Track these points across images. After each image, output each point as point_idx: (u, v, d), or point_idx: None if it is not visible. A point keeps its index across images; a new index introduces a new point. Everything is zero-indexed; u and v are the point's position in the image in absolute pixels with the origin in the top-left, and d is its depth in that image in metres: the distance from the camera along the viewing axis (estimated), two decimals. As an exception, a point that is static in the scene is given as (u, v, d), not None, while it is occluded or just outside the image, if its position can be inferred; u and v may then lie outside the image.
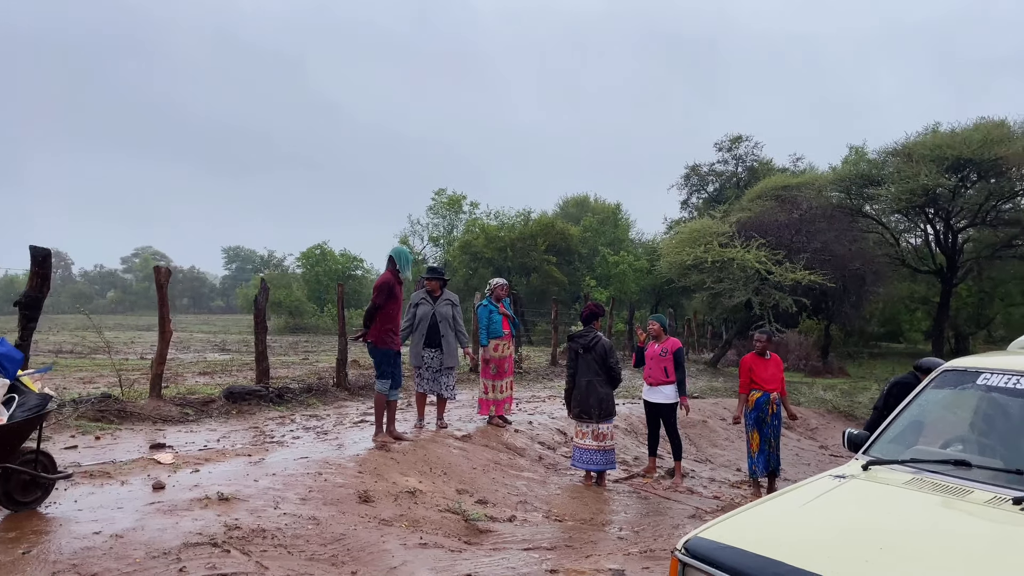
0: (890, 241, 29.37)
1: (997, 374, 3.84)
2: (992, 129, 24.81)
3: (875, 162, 27.91)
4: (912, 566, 2.79)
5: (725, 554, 3.08)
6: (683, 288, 27.85)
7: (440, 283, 8.36)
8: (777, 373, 8.22)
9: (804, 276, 20.43)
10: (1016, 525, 3.02)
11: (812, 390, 17.38)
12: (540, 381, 15.08)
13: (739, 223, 22.95)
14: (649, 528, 6.17)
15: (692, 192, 40.90)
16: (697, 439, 10.62)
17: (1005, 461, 3.59)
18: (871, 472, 3.69)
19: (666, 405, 8.08)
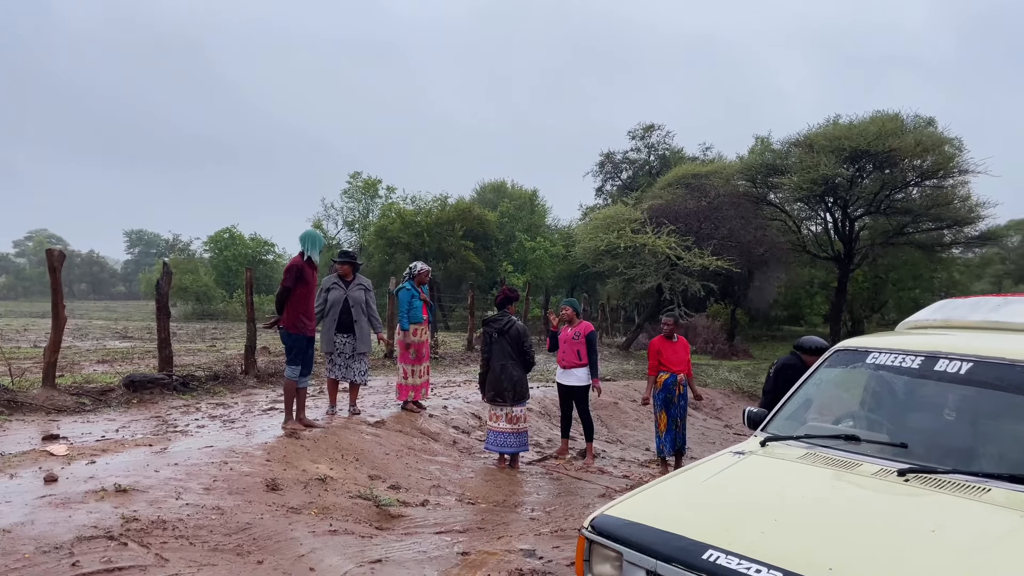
0: (792, 228, 30.60)
1: (884, 353, 4.05)
2: (886, 122, 26.12)
3: (779, 152, 28.99)
4: (803, 535, 2.93)
5: (629, 530, 3.15)
6: (597, 273, 28.30)
7: (352, 267, 8.22)
8: (684, 355, 8.46)
9: (712, 262, 21.07)
10: (900, 495, 3.21)
11: (718, 371, 18.00)
12: (456, 366, 15.07)
13: (651, 210, 23.46)
14: (560, 508, 6.27)
15: (606, 179, 41.54)
16: (608, 420, 10.84)
17: (891, 435, 3.80)
18: (768, 448, 3.85)
19: (579, 387, 8.21)
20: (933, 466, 3.31)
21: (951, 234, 29.54)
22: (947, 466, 3.31)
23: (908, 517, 3.03)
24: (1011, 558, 2.61)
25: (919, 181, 27.47)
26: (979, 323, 4.53)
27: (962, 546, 2.73)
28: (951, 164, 26.37)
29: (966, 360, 3.71)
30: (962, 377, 3.69)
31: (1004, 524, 2.86)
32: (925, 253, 30.43)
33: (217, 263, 44.59)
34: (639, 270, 21.81)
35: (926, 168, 26.58)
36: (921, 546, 2.77)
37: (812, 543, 2.85)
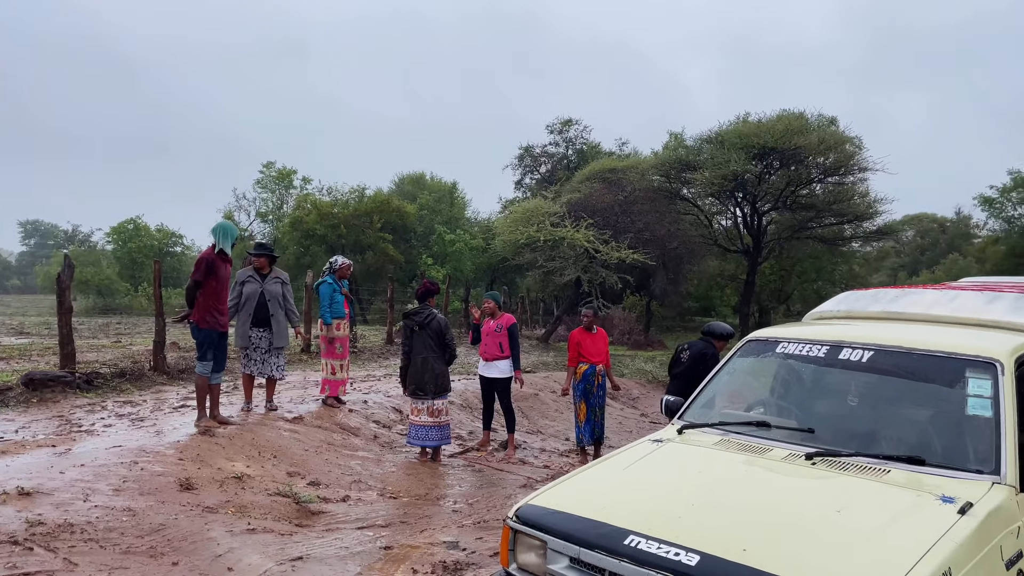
0: (704, 223, 31.50)
1: (793, 343, 4.24)
2: (792, 121, 27.16)
3: (692, 148, 29.76)
4: (719, 518, 3.05)
5: (553, 519, 3.21)
6: (517, 266, 28.45)
7: (269, 260, 8.03)
8: (603, 347, 8.62)
9: (628, 255, 21.50)
10: (807, 478, 3.37)
11: (634, 362, 18.42)
12: (375, 360, 14.92)
13: (569, 203, 23.72)
14: (483, 500, 6.31)
15: (525, 172, 41.74)
16: (529, 411, 10.95)
17: (799, 421, 3.98)
18: (685, 435, 3.98)
19: (501, 379, 8.27)
20: (838, 449, 3.49)
21: (851, 228, 31.02)
22: (850, 449, 3.49)
23: (815, 498, 3.19)
24: (908, 534, 2.78)
25: (822, 178, 28.71)
26: (879, 313, 4.79)
27: (864, 524, 2.90)
28: (852, 162, 27.66)
29: (867, 349, 3.92)
30: (864, 365, 3.89)
31: (902, 503, 3.04)
32: (827, 247, 31.84)
33: (121, 255, 42.62)
34: (558, 263, 22.05)
35: (829, 165, 27.79)
36: (827, 525, 2.92)
37: (727, 525, 2.97)
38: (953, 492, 3.04)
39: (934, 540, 2.71)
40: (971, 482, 3.14)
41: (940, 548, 2.68)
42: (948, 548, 2.69)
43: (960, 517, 2.88)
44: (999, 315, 4.27)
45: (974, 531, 2.83)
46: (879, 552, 2.68)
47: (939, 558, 2.63)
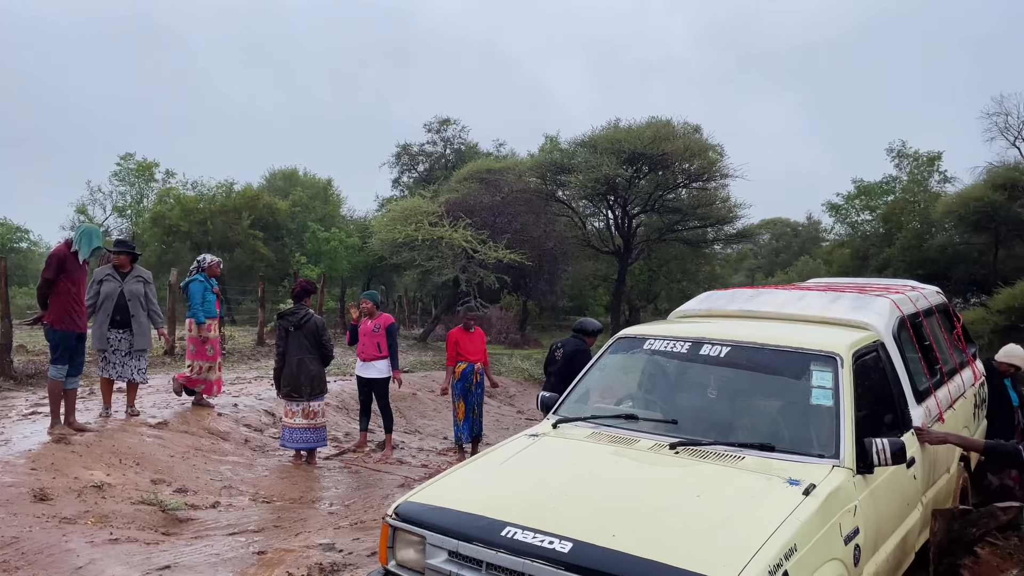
0: (578, 224, 32.34)
1: (659, 340, 4.49)
2: (660, 127, 28.38)
3: (566, 151, 30.52)
4: (590, 506, 3.20)
5: (432, 514, 3.27)
6: (395, 265, 28.17)
7: (129, 258, 7.63)
8: (481, 345, 8.73)
9: (506, 255, 21.77)
10: (671, 466, 3.59)
11: (512, 360, 18.69)
12: (246, 362, 14.41)
13: (448, 203, 23.74)
14: (360, 501, 6.27)
15: (403, 171, 41.41)
16: (407, 411, 10.92)
17: (664, 413, 4.23)
18: (559, 430, 4.13)
19: (379, 380, 8.21)
20: (698, 439, 3.73)
21: (713, 232, 32.76)
22: (710, 438, 3.74)
23: (678, 485, 3.41)
24: (760, 515, 3.03)
25: (687, 183, 30.17)
26: (736, 312, 5.14)
27: (721, 507, 3.13)
28: (714, 168, 29.22)
29: (725, 345, 4.21)
30: (722, 360, 4.18)
31: (754, 487, 3.30)
32: (692, 249, 33.46)
33: (-44, 251, 38.97)
34: (436, 262, 22.03)
35: (693, 171, 29.24)
36: (689, 509, 3.13)
37: (598, 513, 3.13)
38: (799, 475, 3.32)
39: (781, 519, 2.97)
40: (814, 466, 3.44)
41: (787, 526, 2.94)
42: (794, 526, 2.95)
43: (805, 498, 3.16)
44: (840, 313, 4.69)
45: (816, 510, 3.11)
46: (734, 532, 2.91)
47: (786, 535, 2.88)
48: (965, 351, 6.16)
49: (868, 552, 3.48)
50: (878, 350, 4.27)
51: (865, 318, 4.53)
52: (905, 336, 4.72)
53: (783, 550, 2.80)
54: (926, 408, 4.49)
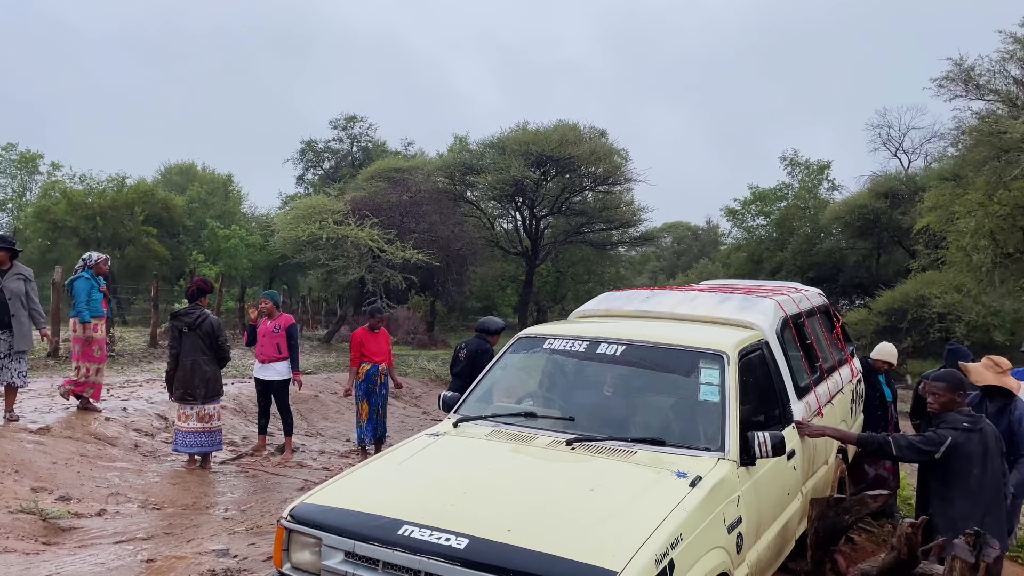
0: (487, 225, 32.49)
1: (558, 339, 4.59)
2: (567, 131, 28.85)
3: (475, 152, 30.61)
4: (488, 503, 3.25)
5: (328, 515, 3.24)
6: (298, 265, 27.57)
7: (9, 254, 7.20)
8: (386, 346, 8.67)
9: (413, 255, 21.64)
10: (567, 462, 3.68)
11: (418, 361, 18.59)
12: (137, 364, 13.80)
13: (353, 201, 23.40)
14: (257, 505, 6.12)
15: (308, 168, 40.52)
16: (308, 414, 10.71)
17: (562, 411, 4.32)
18: (460, 428, 4.17)
19: (278, 382, 8.02)
20: (593, 435, 3.83)
21: (618, 234, 33.56)
22: (605, 434, 3.85)
23: (573, 480, 3.50)
24: (649, 506, 3.15)
25: (593, 186, 30.79)
26: (633, 312, 5.30)
27: (613, 500, 3.23)
28: (619, 172, 29.93)
29: (621, 344, 4.34)
30: (618, 358, 4.31)
31: (645, 479, 3.43)
32: (597, 251, 34.17)
33: None
34: (342, 262, 21.67)
35: (599, 175, 29.86)
36: (582, 503, 3.23)
37: (495, 509, 3.18)
38: (687, 468, 3.47)
39: (669, 510, 3.10)
40: (701, 459, 3.60)
41: (673, 517, 3.07)
42: (680, 517, 3.08)
43: (691, 489, 3.30)
44: (728, 313, 4.91)
45: (702, 501, 3.26)
46: (624, 523, 3.01)
47: (673, 525, 3.01)
48: (844, 349, 6.55)
49: (750, 540, 3.66)
50: (762, 348, 4.50)
51: (751, 318, 4.75)
52: (788, 335, 4.98)
53: (670, 539, 2.93)
54: (807, 403, 4.75)
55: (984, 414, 4.66)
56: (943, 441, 4.08)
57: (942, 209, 21.86)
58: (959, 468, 4.09)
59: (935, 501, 4.18)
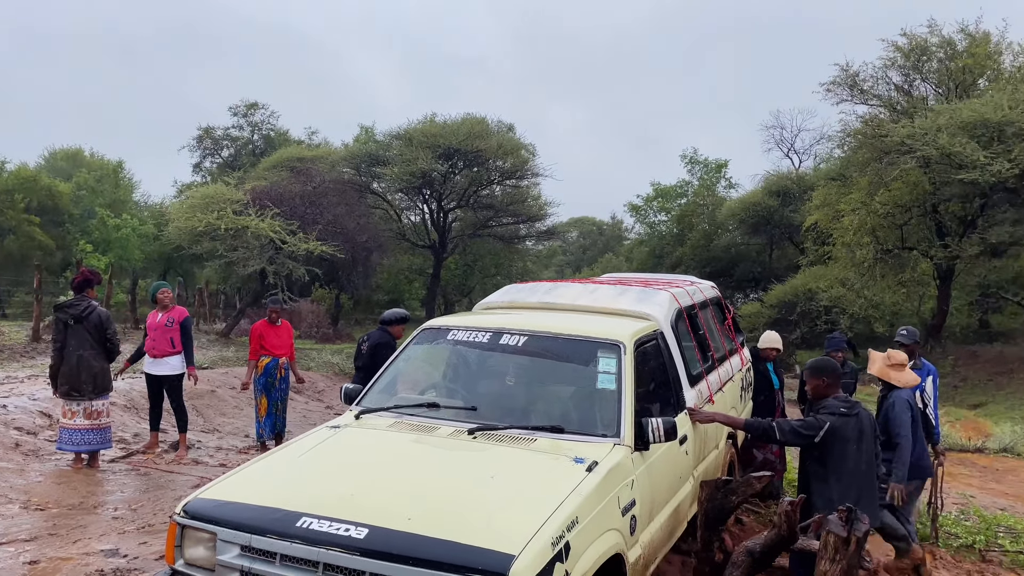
0: (394, 217, 32.17)
1: (462, 331, 4.63)
2: (475, 124, 28.87)
3: (382, 143, 30.26)
4: (389, 493, 3.26)
5: (223, 510, 3.18)
6: (195, 256, 26.53)
7: None
8: (287, 339, 8.48)
9: (317, 247, 21.19)
10: (469, 451, 3.73)
11: (322, 355, 18.26)
12: (18, 360, 13.01)
13: (254, 191, 22.71)
14: (149, 504, 5.90)
15: (205, 155, 39.05)
16: (204, 409, 10.37)
17: (465, 401, 4.36)
18: (362, 420, 4.15)
19: (172, 376, 7.72)
20: (495, 424, 3.89)
21: (525, 228, 33.90)
22: (506, 423, 3.92)
23: (474, 468, 3.56)
24: (547, 491, 3.23)
25: (501, 180, 30.96)
26: (536, 304, 5.40)
27: (513, 486, 3.31)
28: (526, 167, 30.21)
29: (523, 334, 4.42)
30: (520, 349, 4.39)
31: (544, 466, 3.52)
32: (505, 244, 34.40)
33: None
34: (241, 253, 21.00)
35: (507, 169, 30.06)
36: (483, 490, 3.28)
37: (395, 499, 3.19)
38: (584, 454, 3.58)
39: (565, 495, 3.19)
40: (598, 444, 3.72)
41: (570, 501, 3.16)
42: (576, 501, 3.18)
43: (588, 474, 3.41)
44: (626, 305, 5.07)
45: (598, 485, 3.37)
46: (522, 509, 3.09)
47: (569, 509, 3.10)
48: (734, 339, 6.86)
49: (644, 522, 3.81)
50: (658, 339, 4.67)
51: (647, 309, 4.93)
52: (682, 326, 5.19)
53: (566, 523, 3.02)
54: (699, 391, 4.96)
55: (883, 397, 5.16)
56: (822, 425, 4.35)
57: (829, 207, 23.17)
58: (836, 451, 4.37)
59: (814, 482, 4.45)
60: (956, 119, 17.60)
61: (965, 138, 17.14)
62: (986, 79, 21.11)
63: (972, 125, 17.44)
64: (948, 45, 21.46)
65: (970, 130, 17.45)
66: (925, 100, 22.02)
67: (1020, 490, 8.99)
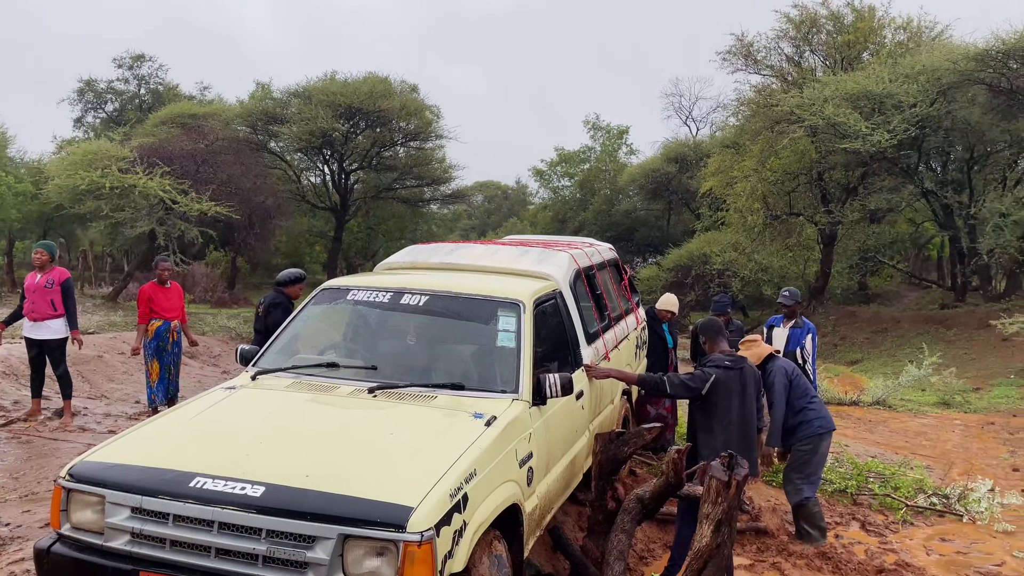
0: (293, 178, 31.25)
1: (362, 291, 4.60)
2: (377, 83, 28.21)
3: (279, 101, 29.18)
4: (286, 451, 3.25)
5: (111, 472, 3.10)
6: (78, 216, 25.05)
7: None
8: (178, 302, 8.17)
9: (211, 207, 20.37)
10: (368, 409, 3.74)
11: (217, 319, 17.71)
12: None
13: (141, 148, 21.56)
14: (32, 472, 5.65)
15: (87, 110, 36.74)
16: (91, 375, 9.92)
17: (365, 360, 4.35)
18: (259, 381, 4.08)
19: (54, 341, 7.34)
20: (395, 382, 3.92)
21: (430, 191, 33.61)
22: (407, 381, 3.95)
23: (374, 425, 3.58)
24: (446, 445, 3.29)
25: (405, 142, 30.49)
26: (438, 264, 5.42)
27: (413, 441, 3.35)
28: (430, 129, 29.84)
29: (424, 294, 4.44)
30: (421, 308, 4.40)
31: (444, 422, 3.58)
32: (409, 207, 34.01)
33: None
34: (128, 213, 19.97)
35: (411, 130, 29.61)
36: (382, 446, 3.32)
37: (293, 457, 3.19)
38: (483, 409, 3.65)
39: (464, 448, 3.26)
40: (497, 400, 3.80)
41: (469, 454, 3.24)
42: (474, 454, 3.26)
43: (486, 428, 3.49)
44: (527, 265, 5.16)
45: (496, 438, 3.46)
46: (422, 461, 3.14)
47: (467, 461, 3.18)
48: (630, 300, 7.09)
49: (540, 473, 3.94)
50: (556, 298, 4.78)
51: (547, 270, 5.03)
52: (580, 286, 5.32)
53: (464, 475, 3.09)
54: (595, 348, 5.12)
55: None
56: (708, 378, 4.59)
57: (723, 174, 24.01)
58: (720, 402, 4.62)
59: (700, 432, 4.70)
60: (841, 90, 18.49)
61: (849, 109, 18.05)
62: (869, 52, 22.20)
63: (855, 97, 18.37)
64: (836, 19, 22.43)
65: (853, 101, 18.37)
66: (813, 71, 23.00)
67: (890, 439, 9.71)
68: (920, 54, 19.73)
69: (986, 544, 5.78)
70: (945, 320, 19.40)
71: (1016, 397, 12.75)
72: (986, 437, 9.94)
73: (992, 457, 8.78)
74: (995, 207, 17.27)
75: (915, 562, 5.31)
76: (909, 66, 18.76)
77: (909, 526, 6.17)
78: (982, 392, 13.37)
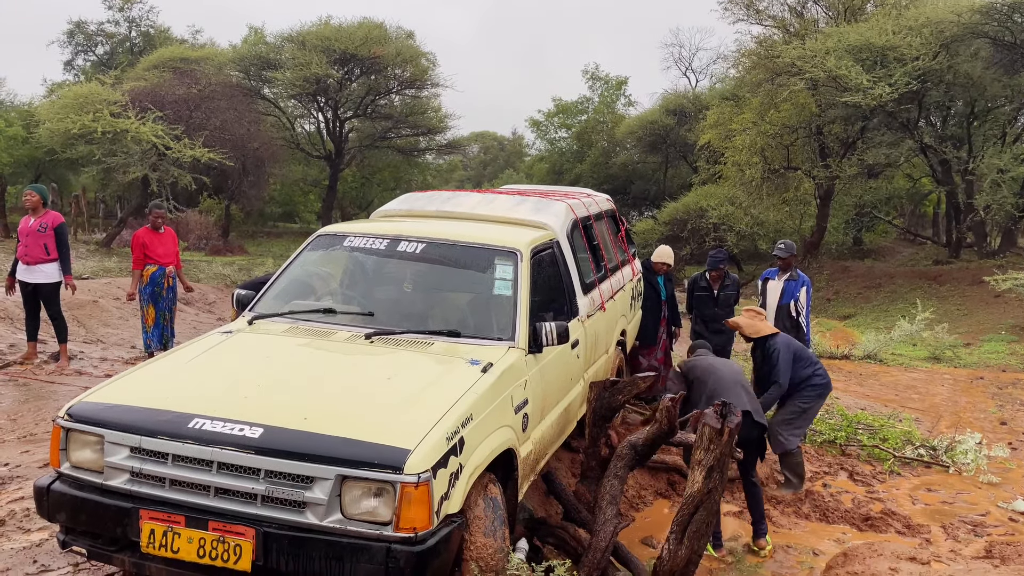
0: (287, 125, 30.90)
1: (359, 237, 4.57)
2: (372, 29, 27.72)
3: (272, 46, 28.69)
4: (284, 395, 3.27)
5: (111, 412, 3.12)
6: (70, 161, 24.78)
7: None
8: (173, 247, 8.15)
9: (204, 154, 20.17)
10: (366, 355, 3.75)
11: (211, 267, 17.66)
12: None
13: (133, 92, 21.22)
14: (30, 414, 5.69)
15: (78, 52, 36.00)
16: (87, 320, 9.92)
17: (362, 307, 4.36)
18: (256, 326, 4.08)
19: (47, 285, 7.32)
20: (392, 329, 3.92)
21: (425, 141, 33.27)
22: (404, 328, 3.95)
23: (371, 370, 3.60)
24: (443, 391, 3.32)
25: (400, 89, 30.08)
26: (434, 212, 5.38)
27: (409, 386, 3.37)
28: (426, 77, 29.41)
29: (421, 242, 4.42)
30: (418, 255, 4.39)
31: (440, 368, 3.60)
32: (404, 157, 33.72)
33: None
34: (121, 159, 19.76)
35: (406, 78, 29.18)
36: (379, 390, 3.34)
37: (292, 400, 3.21)
38: (480, 356, 3.67)
39: (461, 393, 3.29)
40: (494, 347, 3.81)
41: (465, 399, 3.26)
42: (471, 399, 3.28)
43: (483, 375, 3.51)
44: (523, 214, 5.13)
45: (492, 384, 3.48)
46: (419, 406, 3.17)
47: (464, 406, 3.21)
48: (627, 251, 7.08)
49: (535, 420, 3.98)
50: (553, 247, 4.77)
51: (544, 219, 5.00)
52: (577, 236, 5.30)
53: (461, 419, 3.12)
54: (591, 298, 5.13)
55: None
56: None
57: (721, 127, 23.80)
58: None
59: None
60: (843, 42, 18.22)
61: (851, 61, 17.81)
62: (873, 3, 21.82)
63: (858, 49, 18.11)
64: (841, -33, 21.98)
65: (856, 54, 18.12)
66: (816, 23, 22.62)
67: (880, 392, 9.84)
68: (925, 6, 19.40)
69: (971, 495, 5.90)
70: (939, 276, 19.48)
71: (1006, 352, 12.89)
72: (975, 391, 10.07)
73: (980, 411, 8.91)
74: (993, 163, 17.20)
75: (901, 511, 5.42)
76: (913, 18, 18.46)
77: (896, 476, 6.29)
78: (973, 347, 13.50)
